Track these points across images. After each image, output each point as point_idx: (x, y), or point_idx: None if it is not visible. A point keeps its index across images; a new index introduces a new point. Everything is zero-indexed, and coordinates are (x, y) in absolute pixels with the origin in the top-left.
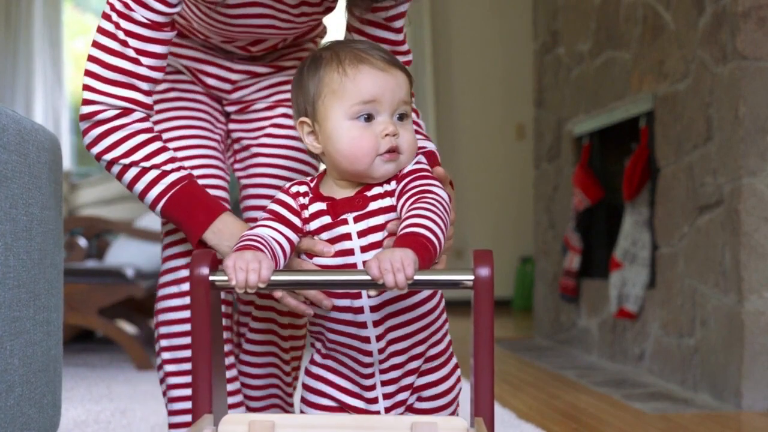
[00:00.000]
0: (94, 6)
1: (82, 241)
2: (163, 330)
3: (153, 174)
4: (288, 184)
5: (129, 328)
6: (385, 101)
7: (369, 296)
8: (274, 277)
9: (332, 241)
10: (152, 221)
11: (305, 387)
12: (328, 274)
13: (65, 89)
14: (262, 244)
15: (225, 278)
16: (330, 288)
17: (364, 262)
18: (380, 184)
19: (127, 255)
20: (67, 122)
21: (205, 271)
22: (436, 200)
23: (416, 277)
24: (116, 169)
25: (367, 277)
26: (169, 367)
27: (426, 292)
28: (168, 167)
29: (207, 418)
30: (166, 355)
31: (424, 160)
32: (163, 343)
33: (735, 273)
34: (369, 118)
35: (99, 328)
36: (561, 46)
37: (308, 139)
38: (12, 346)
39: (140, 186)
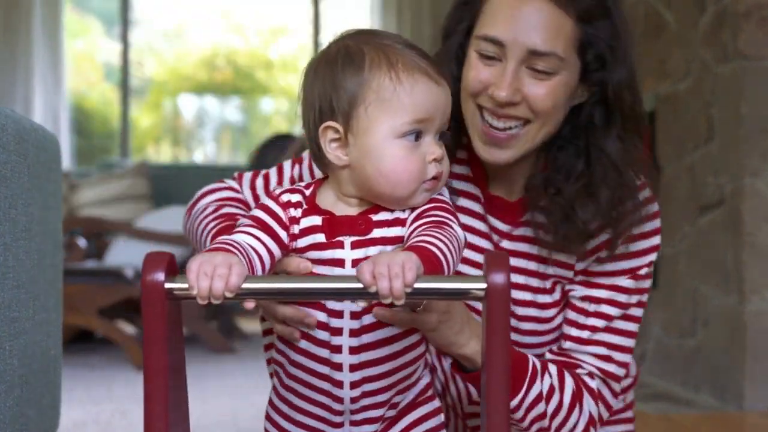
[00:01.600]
0: (94, 6)
1: (82, 242)
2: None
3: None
4: (278, 189)
5: (129, 328)
6: (437, 120)
7: (357, 306)
8: (243, 285)
9: (322, 263)
10: (152, 221)
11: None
12: (306, 281)
13: (64, 89)
14: (237, 249)
15: (184, 286)
16: (310, 298)
17: None
18: (390, 210)
19: (127, 255)
20: (66, 122)
21: (160, 276)
22: (454, 236)
23: (415, 285)
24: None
25: (357, 285)
26: None
27: (416, 337)
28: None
29: None
30: None
31: (446, 192)
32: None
33: (737, 273)
34: (417, 136)
35: (99, 329)
36: None
37: (330, 147)
38: (11, 346)
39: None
